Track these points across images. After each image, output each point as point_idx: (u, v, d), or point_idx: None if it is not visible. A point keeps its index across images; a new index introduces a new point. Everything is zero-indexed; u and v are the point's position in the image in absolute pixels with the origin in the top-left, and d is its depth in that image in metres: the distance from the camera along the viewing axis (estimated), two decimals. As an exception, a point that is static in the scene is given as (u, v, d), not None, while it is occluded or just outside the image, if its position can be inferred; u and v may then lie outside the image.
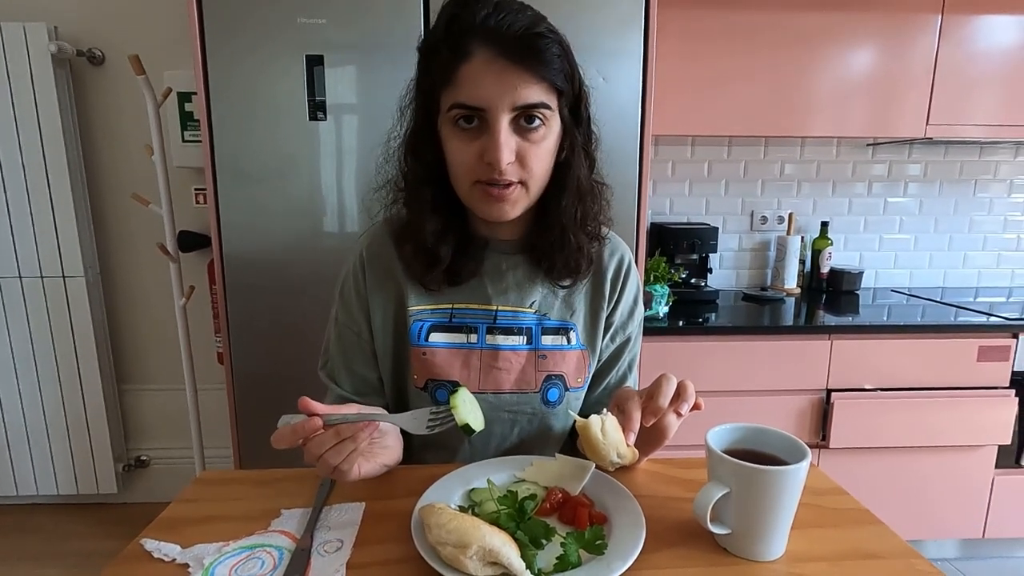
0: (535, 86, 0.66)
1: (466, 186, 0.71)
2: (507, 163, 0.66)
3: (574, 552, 0.53)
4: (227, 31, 1.41)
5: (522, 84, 0.65)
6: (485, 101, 0.65)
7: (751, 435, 0.60)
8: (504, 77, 0.65)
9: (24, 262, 1.96)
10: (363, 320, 0.82)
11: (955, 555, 1.99)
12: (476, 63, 0.65)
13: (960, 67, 1.84)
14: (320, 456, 0.58)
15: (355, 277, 0.82)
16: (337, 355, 0.84)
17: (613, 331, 0.86)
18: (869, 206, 2.26)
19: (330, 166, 1.50)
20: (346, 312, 0.83)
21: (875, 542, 0.58)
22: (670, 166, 2.20)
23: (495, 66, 0.65)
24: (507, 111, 0.66)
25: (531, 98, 0.66)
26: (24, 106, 1.86)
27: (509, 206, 0.71)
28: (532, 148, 0.68)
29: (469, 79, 0.66)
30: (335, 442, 0.57)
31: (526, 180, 0.70)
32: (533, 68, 0.65)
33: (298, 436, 0.56)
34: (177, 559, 0.55)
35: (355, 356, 0.83)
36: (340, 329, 0.84)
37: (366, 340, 0.82)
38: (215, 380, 2.12)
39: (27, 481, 2.12)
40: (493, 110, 0.65)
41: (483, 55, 0.65)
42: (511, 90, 0.65)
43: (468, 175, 0.70)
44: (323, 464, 0.59)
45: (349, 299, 0.83)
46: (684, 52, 1.79)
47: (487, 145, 0.66)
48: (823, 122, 1.88)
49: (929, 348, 1.73)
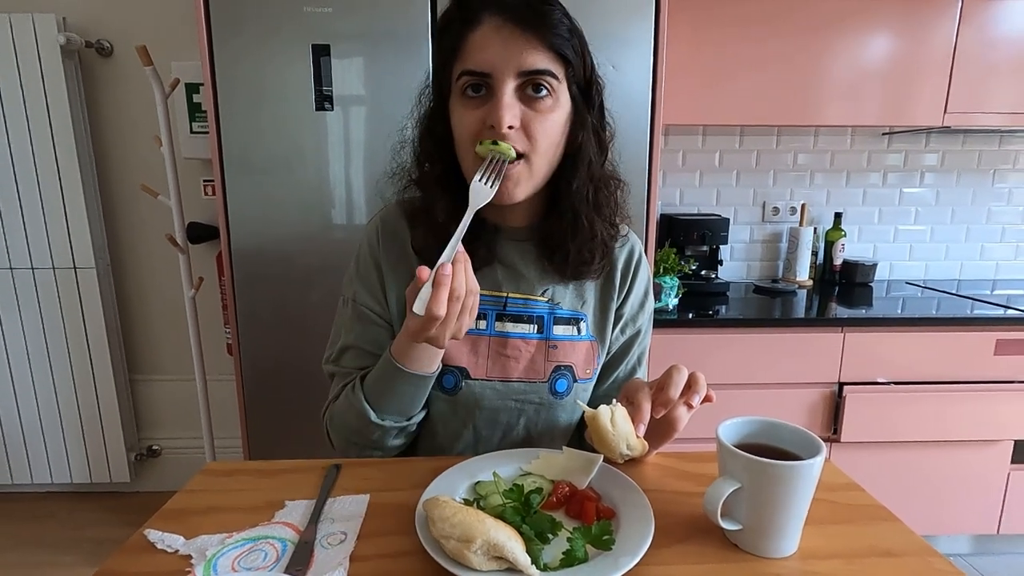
0: (542, 53, 0.66)
1: (470, 156, 0.70)
2: (508, 125, 0.66)
3: (581, 547, 0.52)
4: (234, 21, 1.41)
5: (528, 49, 0.66)
6: (490, 66, 0.66)
7: (763, 429, 0.59)
8: (511, 42, 0.66)
9: (36, 253, 1.98)
10: (380, 293, 0.80)
11: (968, 550, 1.96)
12: (484, 29, 0.67)
13: (980, 53, 1.79)
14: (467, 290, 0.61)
15: (371, 251, 0.81)
16: (352, 335, 0.81)
17: (623, 323, 0.85)
18: (884, 197, 2.22)
19: (338, 157, 1.49)
20: (363, 287, 0.81)
21: (891, 539, 0.57)
22: (680, 156, 2.17)
23: (503, 32, 0.66)
24: (512, 76, 0.66)
25: (537, 64, 0.66)
26: (34, 98, 1.87)
27: (512, 184, 0.69)
28: (538, 117, 0.68)
29: (476, 45, 0.67)
30: (463, 268, 0.60)
31: (529, 153, 0.69)
32: (540, 34, 0.66)
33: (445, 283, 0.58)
34: (180, 550, 0.55)
35: (370, 333, 0.80)
36: (356, 307, 0.81)
37: (383, 315, 0.80)
38: (225, 370, 2.13)
39: (42, 470, 2.15)
40: (498, 74, 0.66)
41: (491, 22, 0.67)
42: (517, 55, 0.66)
43: (471, 142, 0.69)
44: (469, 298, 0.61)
45: (366, 272, 0.81)
46: (695, 39, 1.76)
47: (490, 109, 0.66)
48: (837, 111, 1.84)
49: (945, 341, 1.70)
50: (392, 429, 0.75)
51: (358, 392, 0.75)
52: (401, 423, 0.75)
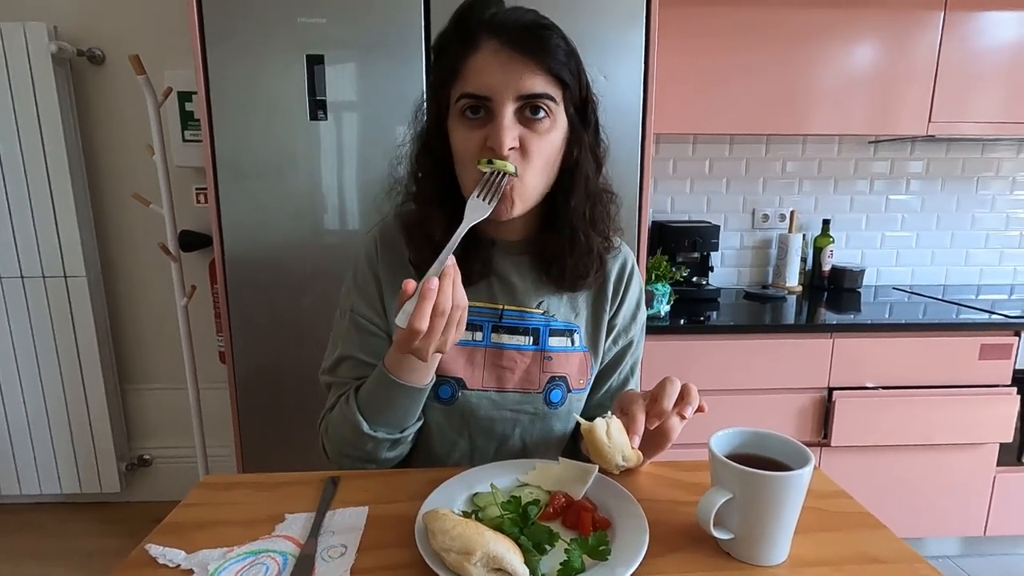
0: (540, 77, 0.68)
1: (470, 175, 0.71)
2: (509, 147, 0.67)
3: (578, 558, 0.53)
4: (227, 30, 1.41)
5: (527, 74, 0.67)
6: (490, 90, 0.67)
7: (754, 439, 0.60)
8: (510, 66, 0.67)
9: (26, 262, 1.96)
10: (378, 303, 0.81)
11: (956, 552, 1.99)
12: (483, 54, 0.68)
13: (962, 64, 1.83)
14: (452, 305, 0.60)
15: (370, 262, 0.81)
16: (349, 346, 0.81)
17: (616, 334, 0.86)
18: (871, 204, 2.26)
19: (331, 165, 1.50)
20: (361, 298, 0.81)
21: (878, 546, 0.58)
22: (671, 164, 2.19)
23: (501, 56, 0.67)
24: (512, 100, 0.67)
25: (535, 88, 0.67)
26: (24, 106, 1.86)
27: (507, 202, 0.71)
28: (535, 138, 0.69)
29: (476, 69, 0.68)
30: (450, 283, 0.60)
31: (524, 172, 0.70)
32: (538, 59, 0.67)
33: (430, 298, 0.57)
34: (182, 565, 0.55)
35: (368, 344, 0.81)
36: (353, 318, 0.81)
37: (381, 325, 0.81)
38: (217, 379, 2.11)
39: (31, 480, 2.12)
40: (498, 98, 0.67)
41: (490, 46, 0.68)
42: (516, 79, 0.67)
43: (471, 161, 0.70)
44: (454, 312, 0.61)
45: (364, 284, 0.82)
46: (685, 49, 1.78)
47: (491, 132, 0.68)
48: (825, 120, 1.87)
49: (931, 346, 1.73)
50: (385, 441, 0.75)
51: (351, 403, 0.76)
52: (394, 435, 0.76)
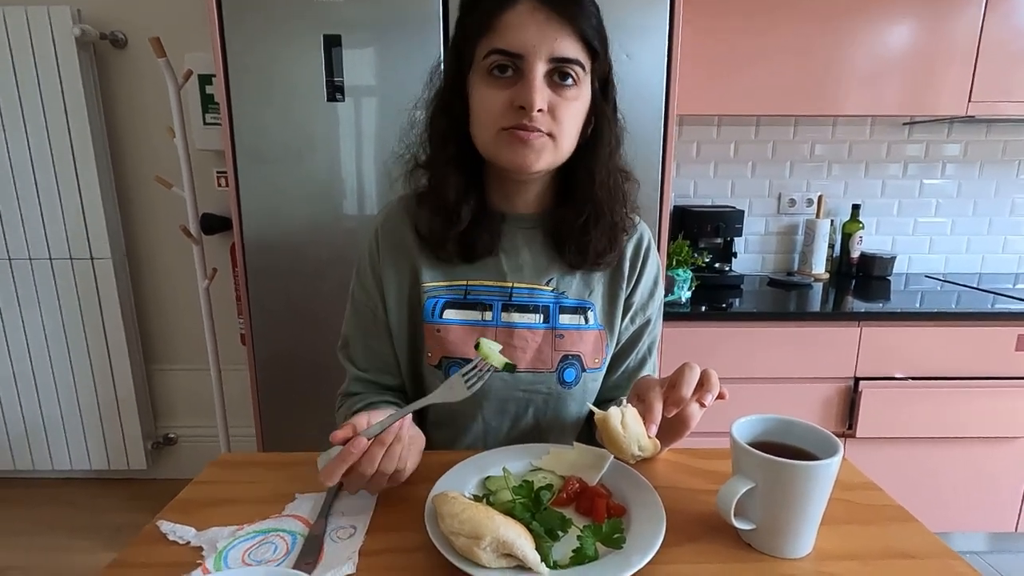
0: (574, 41, 0.67)
1: (491, 134, 0.70)
2: (539, 107, 0.66)
3: (591, 545, 0.51)
4: (245, 12, 1.40)
5: (562, 36, 0.66)
6: (524, 48, 0.66)
7: (778, 427, 0.58)
8: (546, 27, 0.66)
9: (54, 244, 2.00)
10: (377, 296, 0.82)
11: (985, 548, 1.93)
12: (519, 10, 0.66)
13: (1007, 41, 1.73)
14: (375, 471, 0.56)
15: (370, 253, 0.83)
16: (354, 331, 0.85)
17: (633, 312, 0.84)
18: (903, 188, 2.18)
19: (349, 148, 1.49)
20: (362, 288, 0.84)
21: (909, 540, 0.56)
22: (695, 147, 2.13)
23: (538, 15, 0.66)
24: (544, 61, 0.66)
25: (568, 51, 0.66)
26: (50, 90, 1.88)
27: (534, 154, 0.69)
28: (563, 103, 0.69)
29: (510, 25, 0.66)
30: (383, 451, 0.56)
31: (555, 133, 0.69)
32: (574, 22, 0.66)
33: (348, 460, 0.54)
34: (192, 542, 0.55)
35: (371, 332, 0.84)
36: (356, 305, 0.85)
37: (381, 316, 0.83)
38: (239, 360, 2.14)
39: (62, 456, 2.19)
40: (531, 57, 0.66)
41: (527, 3, 0.66)
42: (551, 40, 0.66)
43: (494, 122, 0.69)
44: (377, 478, 0.58)
45: (364, 275, 0.83)
46: (711, 28, 1.72)
47: (520, 91, 0.67)
48: (856, 100, 1.79)
49: (964, 336, 1.66)
50: None
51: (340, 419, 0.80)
52: None
